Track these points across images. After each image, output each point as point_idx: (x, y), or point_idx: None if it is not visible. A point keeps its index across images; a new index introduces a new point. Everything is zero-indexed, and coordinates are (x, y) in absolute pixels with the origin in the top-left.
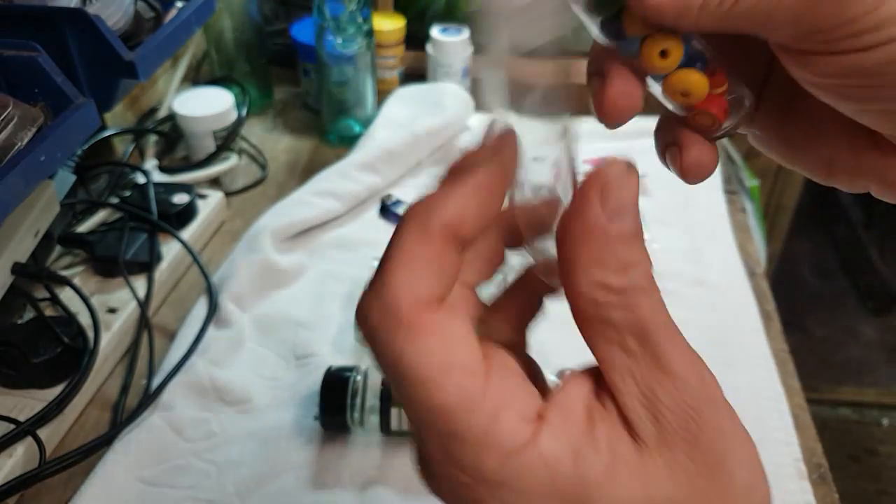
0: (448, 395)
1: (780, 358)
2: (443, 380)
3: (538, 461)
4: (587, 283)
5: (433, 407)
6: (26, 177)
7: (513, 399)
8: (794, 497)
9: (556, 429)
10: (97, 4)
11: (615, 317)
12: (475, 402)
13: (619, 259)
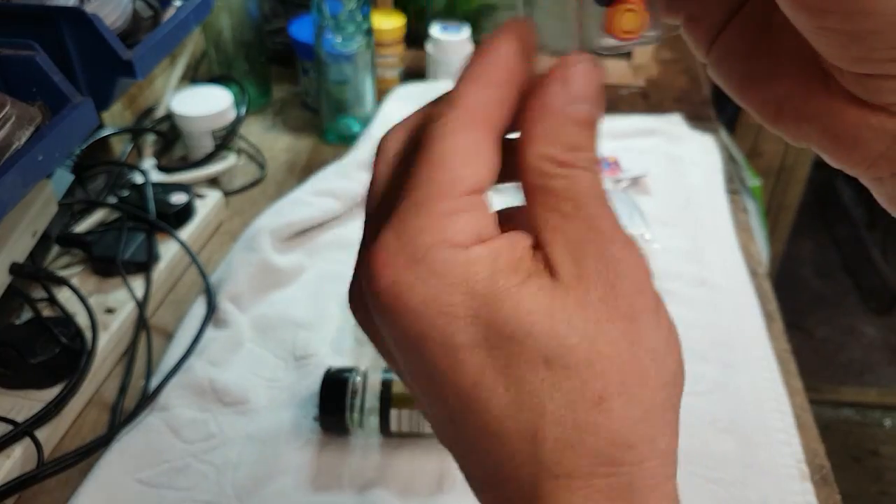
0: (440, 175)
1: (782, 358)
2: (442, 167)
3: (462, 257)
4: (537, 155)
5: (416, 180)
6: (24, 176)
7: (476, 214)
8: (797, 498)
9: (491, 244)
10: (95, 3)
11: (556, 185)
12: (450, 191)
13: (570, 139)
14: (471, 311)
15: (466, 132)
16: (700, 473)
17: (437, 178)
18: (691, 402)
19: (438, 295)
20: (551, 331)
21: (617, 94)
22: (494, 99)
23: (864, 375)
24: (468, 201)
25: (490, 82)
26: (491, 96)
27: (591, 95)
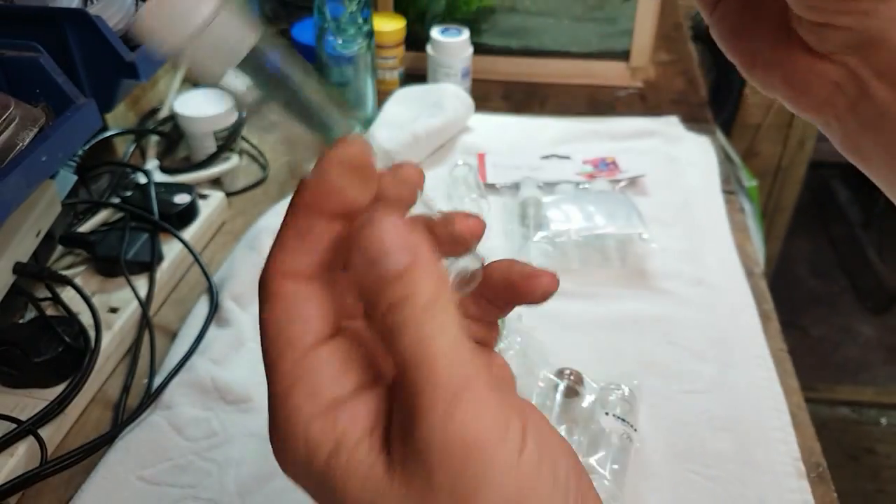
0: (271, 355)
1: (778, 357)
2: (271, 343)
3: (302, 439)
4: (367, 319)
5: (264, 359)
6: (28, 177)
7: (313, 380)
8: (793, 496)
9: (333, 422)
10: (98, 5)
11: (389, 347)
12: (283, 368)
13: (384, 299)
14: (311, 486)
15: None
16: (697, 471)
17: (271, 356)
18: (688, 400)
19: (292, 474)
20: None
21: (615, 95)
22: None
23: (860, 374)
24: (307, 366)
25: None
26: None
27: (393, 246)
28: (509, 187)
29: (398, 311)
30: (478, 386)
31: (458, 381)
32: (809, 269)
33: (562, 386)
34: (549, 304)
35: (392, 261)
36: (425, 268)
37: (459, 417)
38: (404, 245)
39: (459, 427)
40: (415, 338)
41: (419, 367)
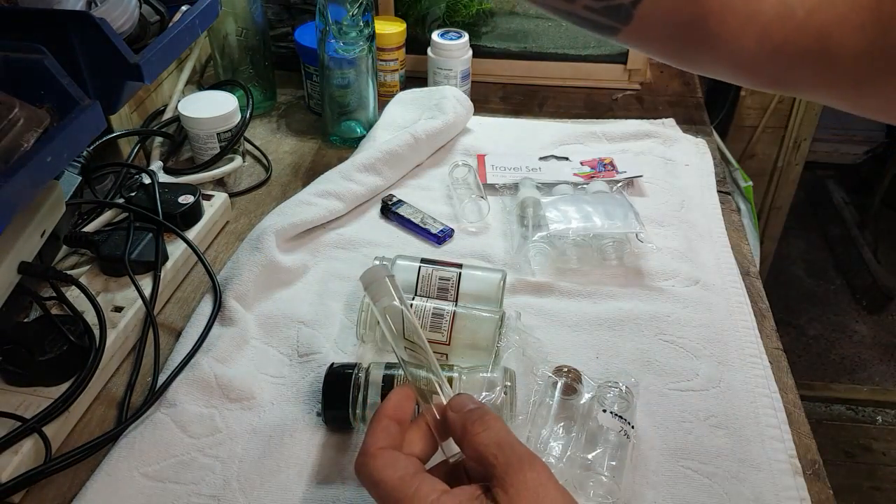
0: (394, 479)
1: (774, 356)
2: (391, 474)
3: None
4: (462, 442)
5: (385, 491)
6: (33, 177)
7: (430, 480)
8: (790, 493)
9: (454, 494)
10: (103, 7)
11: (479, 443)
12: (407, 481)
13: (472, 422)
14: None
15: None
16: (694, 468)
17: (395, 478)
18: (685, 398)
19: None
20: None
21: (612, 97)
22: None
23: (855, 373)
24: (421, 476)
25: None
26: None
27: (468, 400)
28: (508, 188)
29: (477, 424)
30: (536, 460)
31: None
32: (805, 268)
33: (560, 384)
34: (549, 302)
35: (469, 405)
36: (487, 408)
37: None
38: (473, 400)
39: (532, 472)
40: (492, 436)
41: (506, 452)
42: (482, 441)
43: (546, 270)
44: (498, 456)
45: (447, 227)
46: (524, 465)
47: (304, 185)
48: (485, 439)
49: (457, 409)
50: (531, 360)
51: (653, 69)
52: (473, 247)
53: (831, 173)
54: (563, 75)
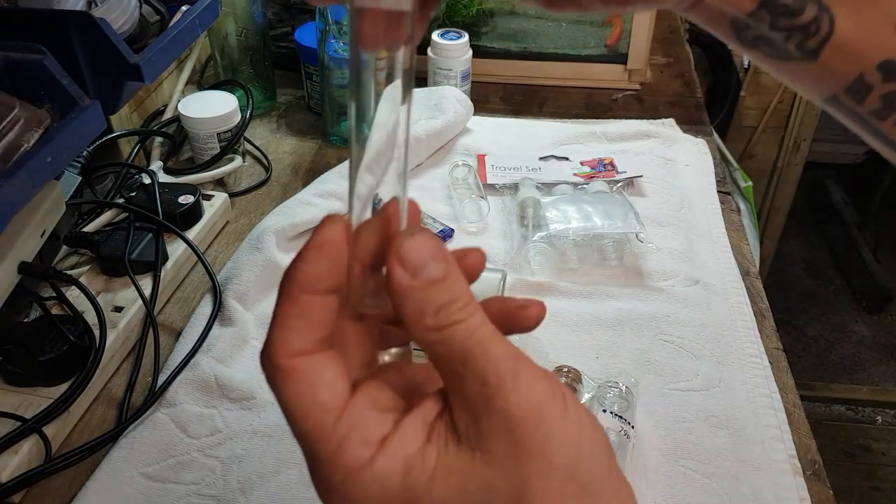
0: (307, 426)
1: (773, 356)
2: (304, 414)
3: (371, 478)
4: (417, 331)
5: (298, 434)
6: (33, 177)
7: (360, 428)
8: (790, 493)
9: (393, 449)
10: (103, 7)
11: (441, 350)
12: (325, 433)
13: (432, 304)
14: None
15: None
16: (693, 468)
17: (308, 427)
18: (685, 398)
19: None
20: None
21: (612, 97)
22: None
23: (855, 373)
24: (348, 420)
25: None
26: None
27: (429, 256)
28: (508, 188)
29: (446, 314)
30: (524, 358)
31: (512, 357)
32: (805, 268)
33: None
34: (549, 302)
35: (434, 269)
36: (457, 272)
37: (524, 386)
38: (441, 255)
39: (525, 394)
40: (467, 332)
41: (479, 355)
42: (445, 347)
43: (546, 270)
44: (469, 369)
45: (447, 228)
46: (499, 385)
47: (304, 185)
48: (451, 344)
49: (411, 268)
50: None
51: (653, 70)
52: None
53: (831, 173)
54: (563, 75)
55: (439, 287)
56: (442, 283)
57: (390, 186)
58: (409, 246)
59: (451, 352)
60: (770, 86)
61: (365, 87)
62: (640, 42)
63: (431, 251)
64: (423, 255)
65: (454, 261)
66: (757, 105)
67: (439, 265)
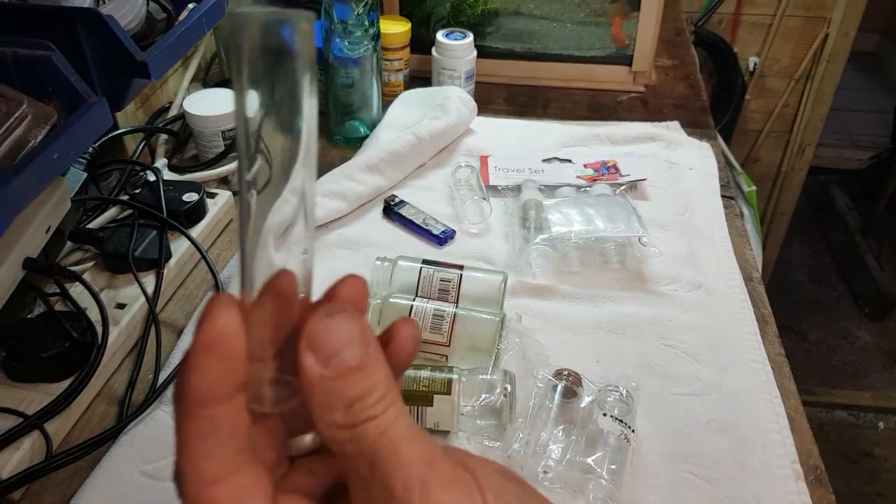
0: None
1: (776, 361)
2: None
3: None
4: (323, 427)
5: None
6: (39, 174)
7: None
8: (791, 498)
9: None
10: (110, 5)
11: (349, 450)
12: None
13: (344, 397)
14: None
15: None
16: (694, 472)
17: None
18: (686, 402)
19: None
20: None
21: (616, 99)
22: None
23: (857, 379)
24: None
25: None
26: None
27: (345, 343)
28: (511, 189)
29: (360, 409)
30: (439, 460)
31: (424, 461)
32: (808, 273)
33: (560, 387)
34: (550, 305)
35: (348, 355)
36: (378, 357)
37: (434, 495)
38: (359, 338)
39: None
40: (378, 430)
41: (389, 458)
42: (355, 447)
43: (547, 273)
44: (377, 475)
45: (449, 229)
46: (404, 494)
47: None
48: (361, 443)
49: (323, 355)
50: (531, 363)
51: (658, 72)
52: (475, 248)
53: (835, 179)
54: (567, 76)
55: (353, 377)
56: (357, 373)
57: (295, 197)
58: (323, 330)
59: (360, 452)
60: (775, 90)
61: (299, 81)
62: (646, 44)
63: (349, 335)
64: (338, 340)
65: (376, 344)
66: (762, 109)
67: (355, 351)
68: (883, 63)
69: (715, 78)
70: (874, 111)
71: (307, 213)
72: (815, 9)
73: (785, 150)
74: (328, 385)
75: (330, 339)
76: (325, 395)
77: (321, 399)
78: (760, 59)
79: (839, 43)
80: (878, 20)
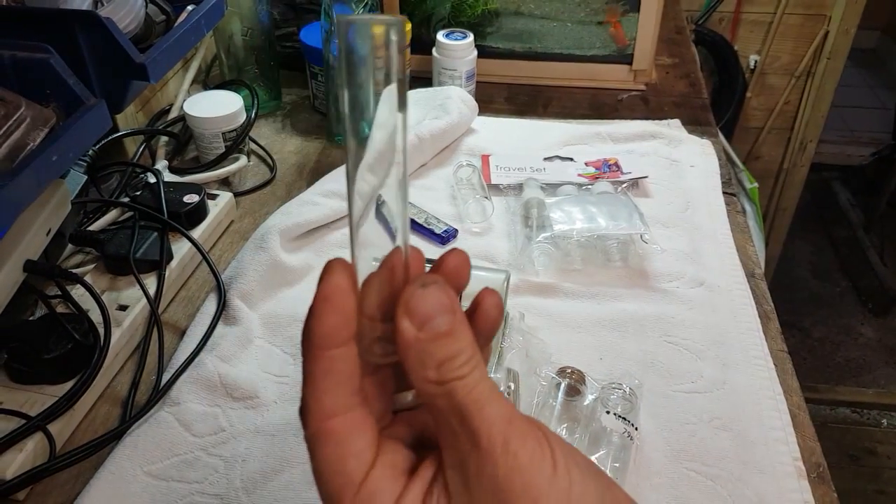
0: (330, 491)
1: (778, 358)
2: (329, 480)
3: None
4: (418, 383)
5: (322, 494)
6: (38, 176)
7: (375, 501)
8: (793, 496)
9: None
10: (109, 7)
11: (440, 404)
12: (345, 501)
13: (435, 358)
14: None
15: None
16: (697, 470)
17: (331, 491)
18: (689, 399)
19: None
20: None
21: (617, 98)
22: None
23: (861, 376)
24: (366, 495)
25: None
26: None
27: (437, 310)
28: (513, 188)
29: (448, 369)
30: (517, 419)
31: (505, 419)
32: (810, 270)
33: (563, 385)
34: (552, 303)
35: (440, 322)
36: (464, 326)
37: (512, 453)
38: (449, 308)
39: (513, 462)
40: (465, 389)
41: (475, 414)
42: (445, 401)
43: (550, 271)
44: (464, 427)
45: (451, 228)
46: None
47: (308, 184)
48: (451, 398)
49: (418, 320)
50: (534, 361)
51: (658, 70)
52: (477, 247)
53: (837, 175)
54: (568, 76)
55: (443, 341)
56: (447, 337)
57: (392, 191)
58: (418, 298)
59: (450, 407)
60: (776, 86)
61: (363, 84)
62: (646, 42)
63: (440, 304)
64: (430, 308)
65: (462, 314)
66: (763, 106)
67: (445, 318)
68: (884, 60)
69: (716, 76)
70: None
71: (404, 165)
72: (815, 6)
73: (786, 147)
74: (421, 346)
75: (423, 307)
76: (418, 355)
77: (415, 358)
78: (761, 56)
79: (839, 40)
80: (878, 17)
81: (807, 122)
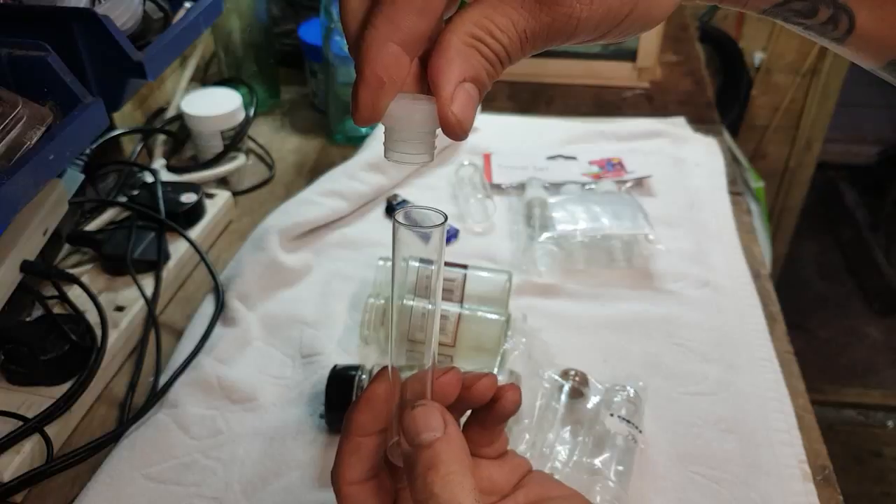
0: None
1: (784, 359)
2: None
3: None
4: (410, 490)
5: None
6: (35, 175)
7: None
8: (799, 498)
9: None
10: (106, 4)
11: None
12: None
13: (420, 465)
14: None
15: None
16: (702, 473)
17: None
18: (694, 401)
19: None
20: None
21: (621, 96)
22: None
23: (867, 377)
24: None
25: None
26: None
27: (423, 428)
28: (515, 188)
29: (429, 474)
30: None
31: None
32: (816, 270)
33: (567, 387)
34: (555, 304)
35: (422, 438)
36: (448, 441)
37: None
38: (433, 426)
39: None
40: (442, 493)
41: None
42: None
43: (553, 272)
44: None
45: (452, 228)
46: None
47: (307, 184)
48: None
49: (408, 435)
50: (537, 363)
51: (663, 68)
52: (479, 247)
53: (843, 174)
54: (571, 73)
55: (426, 451)
56: (428, 448)
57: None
58: (407, 417)
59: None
60: (782, 85)
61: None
62: (650, 40)
63: (425, 423)
64: (417, 426)
65: (452, 427)
66: (768, 104)
67: (428, 434)
68: None
69: (721, 74)
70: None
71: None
72: None
73: (792, 146)
74: (410, 458)
75: (412, 425)
76: (408, 461)
77: (406, 463)
78: (766, 54)
79: None
80: None
81: (813, 120)
